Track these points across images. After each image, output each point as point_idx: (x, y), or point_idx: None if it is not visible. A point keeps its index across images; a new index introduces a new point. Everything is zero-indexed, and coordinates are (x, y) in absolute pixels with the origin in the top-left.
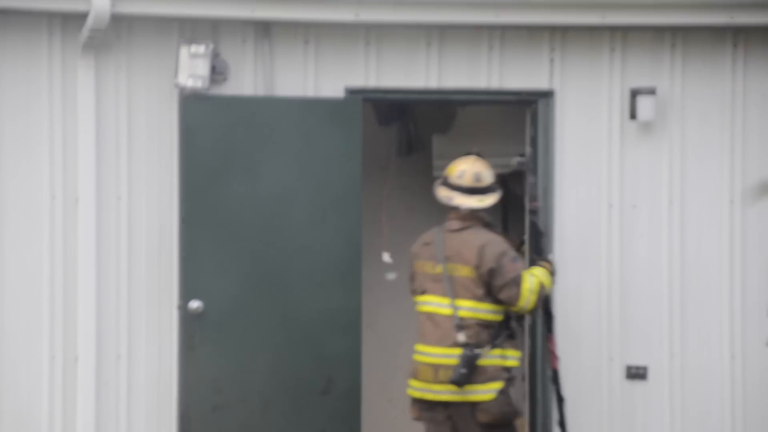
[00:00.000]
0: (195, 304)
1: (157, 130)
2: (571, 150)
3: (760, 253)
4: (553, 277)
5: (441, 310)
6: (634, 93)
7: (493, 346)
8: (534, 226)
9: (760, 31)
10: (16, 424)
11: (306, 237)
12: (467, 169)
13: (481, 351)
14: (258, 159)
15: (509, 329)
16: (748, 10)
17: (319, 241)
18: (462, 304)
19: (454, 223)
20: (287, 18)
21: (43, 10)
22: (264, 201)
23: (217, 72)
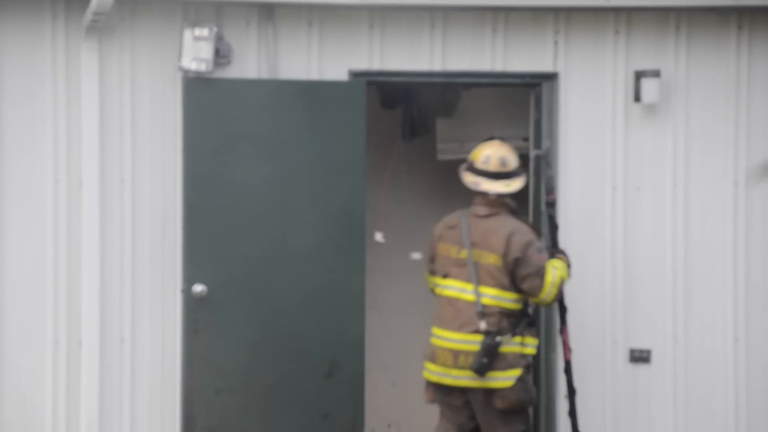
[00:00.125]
0: (198, 288)
1: (160, 113)
2: (575, 133)
3: (764, 235)
4: (569, 269)
5: (464, 296)
6: (639, 75)
7: (514, 334)
8: (551, 219)
9: (765, 12)
10: (20, 408)
11: (309, 220)
12: (492, 154)
13: (502, 339)
14: (262, 142)
15: (529, 317)
16: None
17: (323, 225)
18: (486, 292)
19: (481, 209)
20: (291, 0)
21: None
22: (268, 184)
23: (220, 55)
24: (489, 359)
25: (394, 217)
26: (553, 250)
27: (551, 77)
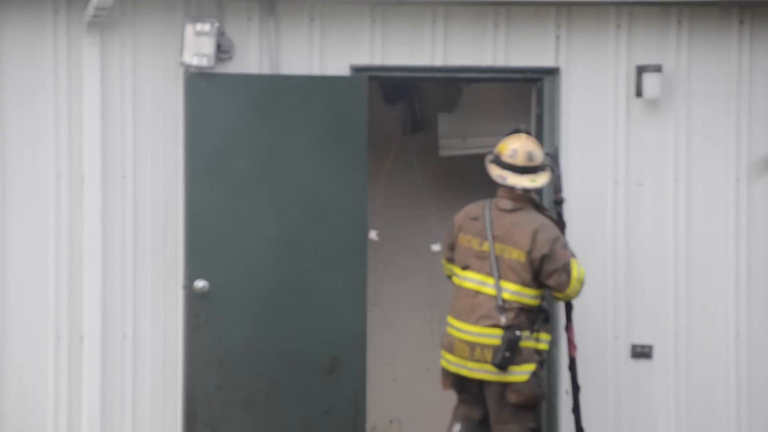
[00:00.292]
0: (200, 284)
1: (162, 108)
2: (577, 128)
3: (766, 230)
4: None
5: (484, 289)
6: (640, 70)
7: (532, 330)
8: (559, 217)
9: (766, 7)
10: (22, 403)
11: (311, 215)
12: (519, 147)
13: (521, 333)
14: (263, 137)
15: (545, 312)
16: None
17: (325, 220)
18: (507, 287)
19: (506, 203)
20: None
21: None
22: (269, 179)
23: (222, 50)
24: (511, 353)
25: (396, 213)
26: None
27: (553, 72)
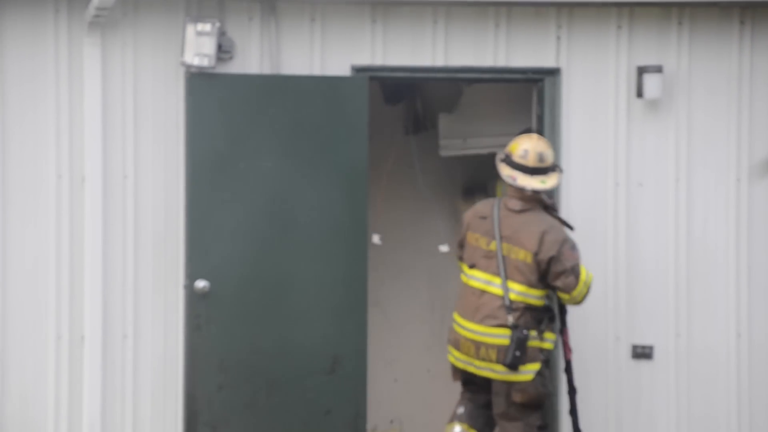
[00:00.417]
0: (201, 284)
1: (163, 108)
2: (578, 128)
3: (767, 231)
4: None
5: (490, 289)
6: (641, 71)
7: (539, 330)
8: (564, 222)
9: (767, 8)
10: (22, 403)
11: (312, 215)
12: (530, 148)
13: (529, 333)
14: (264, 137)
15: (550, 312)
16: None
17: (326, 221)
18: (513, 287)
19: (515, 203)
20: None
21: None
22: (270, 179)
23: (223, 50)
24: (521, 353)
25: (397, 213)
26: None
27: (553, 73)
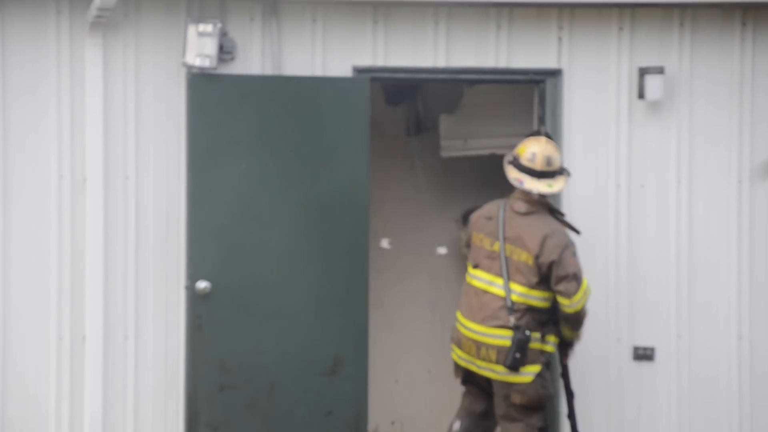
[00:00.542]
0: (202, 285)
1: (164, 109)
2: (579, 129)
3: None
4: None
5: (492, 289)
6: (643, 72)
7: (542, 332)
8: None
9: None
10: (24, 404)
11: (313, 216)
12: (538, 151)
13: (530, 334)
14: (265, 138)
15: (554, 315)
16: None
17: (327, 222)
18: (515, 288)
19: (521, 205)
20: None
21: None
22: (272, 181)
23: (224, 51)
24: (522, 354)
25: (398, 214)
26: None
27: (555, 74)
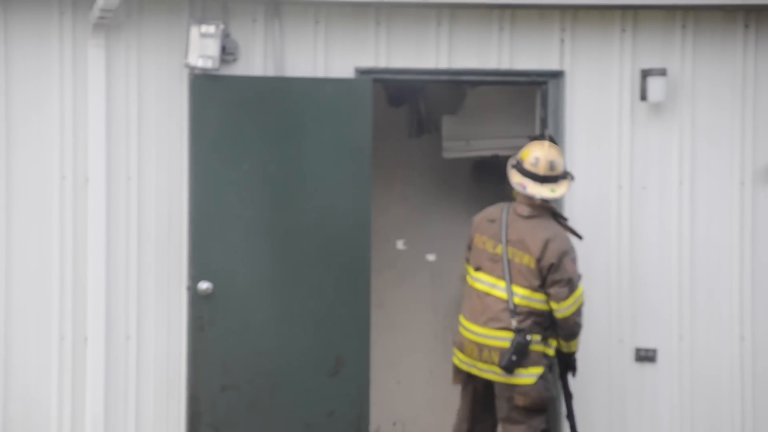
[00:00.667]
0: (204, 285)
1: (167, 110)
2: (581, 131)
3: None
4: None
5: (494, 292)
6: (645, 74)
7: (544, 335)
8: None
9: None
10: (26, 404)
11: (315, 218)
12: (542, 156)
13: (531, 337)
14: (268, 139)
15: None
16: None
17: (329, 223)
18: (517, 291)
19: (524, 209)
20: None
21: None
22: (273, 181)
23: (227, 52)
24: (518, 357)
25: (400, 215)
26: None
27: (557, 75)
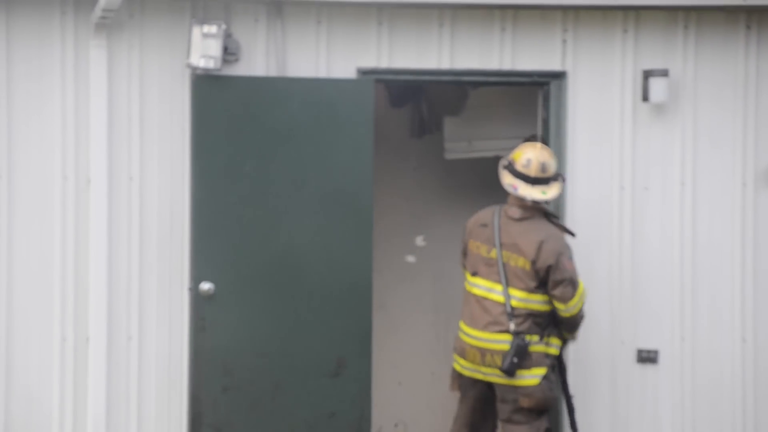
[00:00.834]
0: (206, 286)
1: (169, 110)
2: (583, 132)
3: None
4: None
5: (491, 296)
6: (647, 75)
7: (542, 335)
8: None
9: None
10: (27, 405)
11: (317, 218)
12: (533, 158)
13: (530, 340)
14: (270, 140)
15: (554, 318)
16: None
17: (331, 223)
18: (514, 294)
19: (515, 211)
20: None
21: None
22: (275, 182)
23: (229, 52)
24: (519, 359)
25: (401, 215)
26: None
27: (559, 76)
